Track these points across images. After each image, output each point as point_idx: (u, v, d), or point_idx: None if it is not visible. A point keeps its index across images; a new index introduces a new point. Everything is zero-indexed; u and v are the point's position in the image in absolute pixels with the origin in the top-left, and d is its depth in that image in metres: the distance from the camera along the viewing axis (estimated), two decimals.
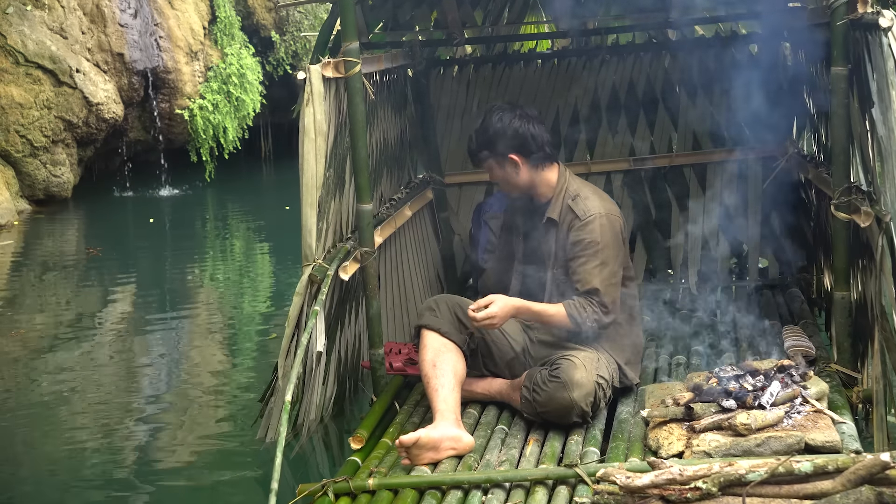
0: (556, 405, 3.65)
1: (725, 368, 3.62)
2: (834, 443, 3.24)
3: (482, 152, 3.97)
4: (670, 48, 5.70)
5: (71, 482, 4.35)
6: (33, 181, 11.68)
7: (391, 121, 5.08)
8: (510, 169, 3.95)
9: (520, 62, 5.78)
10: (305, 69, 3.66)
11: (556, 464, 3.44)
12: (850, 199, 3.90)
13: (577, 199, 3.90)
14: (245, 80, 13.88)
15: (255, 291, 7.96)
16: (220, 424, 4.95)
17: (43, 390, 5.54)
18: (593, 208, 3.87)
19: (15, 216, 10.98)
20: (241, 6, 14.67)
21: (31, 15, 11.64)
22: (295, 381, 3.28)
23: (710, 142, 5.73)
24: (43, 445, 4.78)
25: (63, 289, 8.24)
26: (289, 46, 14.98)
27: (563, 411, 3.65)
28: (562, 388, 3.63)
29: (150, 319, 7.08)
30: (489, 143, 3.93)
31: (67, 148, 11.92)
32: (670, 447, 3.38)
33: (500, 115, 3.93)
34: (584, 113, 5.80)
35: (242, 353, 6.19)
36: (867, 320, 3.97)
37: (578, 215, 3.86)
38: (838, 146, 3.94)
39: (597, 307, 3.78)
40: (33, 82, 11.49)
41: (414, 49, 5.42)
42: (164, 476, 4.39)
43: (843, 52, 3.84)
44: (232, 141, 13.67)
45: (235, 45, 14.12)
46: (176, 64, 13.13)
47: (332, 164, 3.93)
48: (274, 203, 12.37)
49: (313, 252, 3.78)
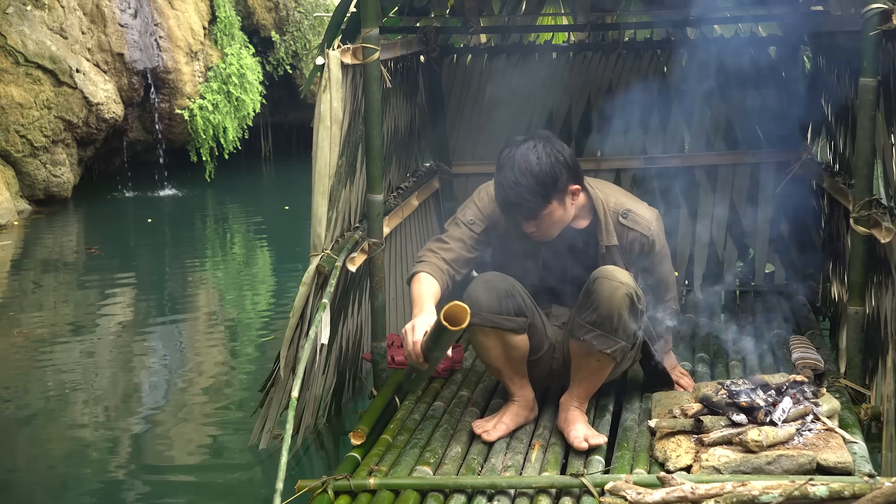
0: (611, 300, 3.39)
1: (736, 381, 3.55)
2: (846, 464, 3.18)
3: (545, 200, 3.40)
4: (688, 47, 5.61)
5: (70, 482, 4.28)
6: (33, 181, 11.60)
7: (402, 108, 5.00)
8: (570, 204, 3.51)
9: (535, 54, 5.68)
10: (324, 54, 3.56)
11: (559, 471, 3.38)
12: (871, 214, 3.83)
13: (629, 214, 3.64)
14: (245, 80, 13.85)
15: (255, 291, 7.91)
16: (219, 423, 4.88)
17: (43, 390, 5.48)
18: (647, 216, 3.69)
19: (15, 216, 10.93)
20: (241, 6, 14.62)
21: (31, 15, 11.56)
22: (301, 376, 3.20)
23: (723, 143, 5.65)
24: (42, 445, 4.72)
25: (63, 289, 8.18)
26: (289, 46, 14.88)
27: (621, 303, 3.39)
28: (605, 282, 3.40)
29: (150, 319, 7.01)
30: (552, 183, 3.38)
31: (67, 148, 11.88)
32: (678, 460, 3.32)
33: (533, 151, 3.40)
34: (597, 108, 5.72)
35: (242, 353, 6.12)
36: (879, 336, 3.92)
37: (644, 233, 3.65)
38: (862, 159, 3.86)
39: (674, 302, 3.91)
40: (33, 82, 11.41)
41: (428, 35, 5.32)
42: (163, 473, 4.33)
43: (874, 63, 3.76)
44: (232, 141, 13.64)
45: (235, 45, 14.07)
46: (176, 64, 13.09)
47: (344, 151, 3.85)
48: (274, 203, 12.38)
49: (322, 241, 3.70)
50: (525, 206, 3.39)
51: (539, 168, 3.35)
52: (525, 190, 3.35)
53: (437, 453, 3.52)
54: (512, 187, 3.37)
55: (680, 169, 5.64)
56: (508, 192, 3.39)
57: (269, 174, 15.36)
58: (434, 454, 3.50)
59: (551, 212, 3.44)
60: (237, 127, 13.75)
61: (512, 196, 3.38)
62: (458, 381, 4.24)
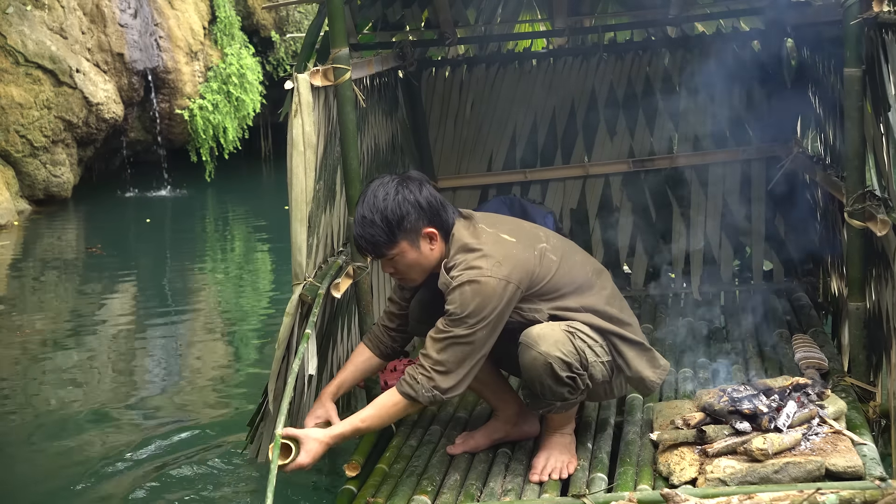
0: (531, 370, 3.23)
1: (738, 388, 3.44)
2: (856, 468, 3.07)
3: (390, 239, 3.21)
4: (670, 46, 5.53)
5: (70, 482, 4.25)
6: (33, 181, 11.71)
7: (382, 125, 4.91)
8: (427, 247, 3.28)
9: (514, 62, 5.60)
10: (293, 78, 3.46)
11: (559, 492, 3.27)
12: (865, 206, 3.73)
13: (455, 264, 3.24)
14: (245, 80, 13.91)
15: (255, 291, 7.93)
16: (219, 424, 4.84)
17: (43, 389, 5.49)
18: (469, 274, 3.20)
19: (15, 216, 11.02)
20: (241, 6, 14.66)
21: (31, 15, 11.62)
22: (286, 413, 3.09)
23: (711, 142, 5.56)
24: (42, 445, 4.70)
25: (63, 289, 8.22)
26: (289, 46, 14.95)
27: (541, 372, 3.22)
28: (526, 350, 3.26)
29: (149, 319, 7.04)
30: (397, 222, 3.19)
31: (67, 148, 11.95)
32: (682, 473, 3.21)
33: (383, 188, 3.23)
34: (581, 114, 5.63)
35: (242, 354, 6.13)
36: (881, 331, 3.81)
37: (444, 281, 3.24)
38: (852, 151, 3.77)
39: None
40: (33, 82, 11.51)
41: (405, 50, 5.24)
42: (162, 475, 4.26)
43: (857, 52, 3.67)
44: (232, 141, 13.68)
45: (235, 45, 14.11)
46: (176, 64, 13.14)
47: (322, 175, 3.75)
48: (274, 203, 12.43)
49: (304, 270, 3.59)
50: (371, 242, 3.23)
51: (385, 205, 3.19)
52: (370, 226, 3.21)
53: (435, 481, 3.41)
54: (359, 222, 3.24)
55: (669, 170, 5.56)
56: (357, 227, 3.26)
57: (269, 174, 15.43)
58: (432, 482, 3.40)
59: (402, 253, 3.24)
60: (237, 127, 13.81)
61: (359, 231, 3.25)
62: (454, 402, 4.13)
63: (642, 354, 3.45)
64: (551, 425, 3.48)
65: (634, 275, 5.59)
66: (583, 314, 3.35)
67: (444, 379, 3.17)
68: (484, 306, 3.13)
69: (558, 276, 3.33)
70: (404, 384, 3.20)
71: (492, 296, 3.14)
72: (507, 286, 3.16)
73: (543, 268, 3.29)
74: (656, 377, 3.46)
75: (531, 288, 3.27)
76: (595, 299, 3.40)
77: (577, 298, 3.36)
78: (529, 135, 5.68)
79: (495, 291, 3.14)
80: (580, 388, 3.32)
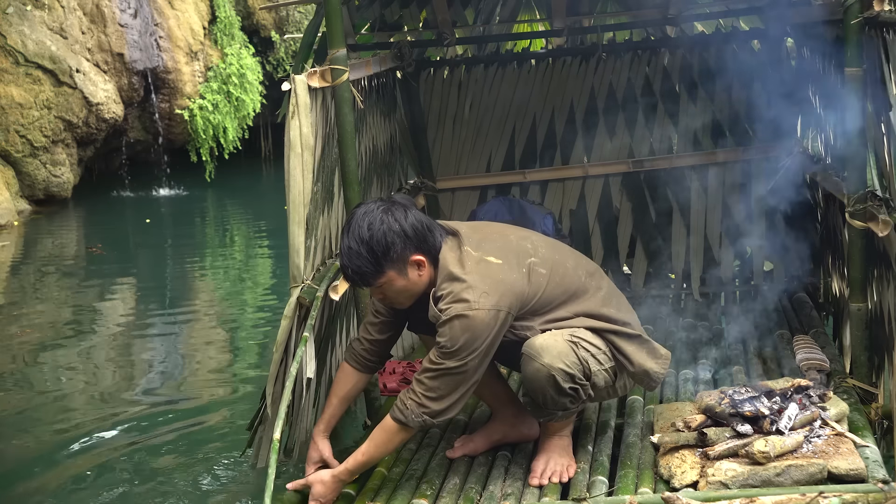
0: (534, 381, 3.22)
1: (739, 389, 3.42)
2: (859, 470, 3.05)
3: (377, 269, 3.15)
4: (669, 46, 5.50)
5: (69, 481, 4.26)
6: (33, 181, 11.75)
7: (380, 126, 4.88)
8: (415, 274, 3.22)
9: (513, 62, 5.58)
10: (290, 79, 3.43)
11: (559, 495, 3.25)
12: (866, 207, 3.71)
13: (444, 295, 3.18)
14: (245, 80, 13.93)
15: (255, 292, 7.93)
16: (218, 426, 4.83)
17: (43, 389, 5.49)
18: (457, 307, 3.15)
19: (15, 216, 11.06)
20: (241, 6, 14.67)
21: (31, 15, 11.65)
22: (283, 417, 3.07)
23: (711, 142, 5.53)
24: (41, 445, 4.70)
25: (62, 288, 8.23)
26: (289, 46, 14.95)
27: (544, 383, 3.20)
28: (528, 361, 3.24)
29: (149, 319, 7.04)
30: (382, 253, 3.13)
31: (67, 148, 11.97)
32: (683, 476, 3.19)
33: (366, 218, 3.15)
34: (580, 114, 5.61)
35: (242, 355, 6.12)
36: (883, 332, 3.80)
37: (433, 314, 3.19)
38: (853, 151, 3.75)
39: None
40: (33, 82, 11.54)
41: (403, 50, 5.21)
42: (160, 477, 4.26)
43: (858, 52, 3.65)
44: (232, 141, 13.69)
45: (235, 45, 14.13)
46: (176, 64, 13.15)
47: (319, 177, 3.72)
48: (274, 203, 12.47)
49: (301, 273, 3.57)
50: (357, 273, 3.18)
51: (370, 235, 3.13)
52: (357, 257, 3.15)
53: (435, 484, 3.39)
54: (346, 253, 3.18)
55: (669, 171, 5.53)
56: (343, 258, 3.20)
57: (269, 174, 15.47)
58: (431, 485, 3.37)
59: (389, 281, 3.19)
60: (237, 127, 13.84)
61: (345, 262, 3.19)
62: None
63: (642, 347, 3.43)
64: (550, 429, 3.45)
65: (634, 275, 5.56)
66: (576, 320, 3.32)
67: (436, 404, 3.16)
68: (474, 339, 3.10)
69: (549, 289, 3.29)
70: (396, 410, 3.20)
71: (482, 328, 3.10)
72: (497, 314, 3.13)
73: (533, 286, 3.25)
74: (659, 367, 3.43)
75: (522, 308, 3.23)
76: (589, 304, 3.37)
77: (570, 307, 3.33)
78: (528, 135, 5.66)
79: (484, 322, 3.10)
80: (582, 398, 3.31)
